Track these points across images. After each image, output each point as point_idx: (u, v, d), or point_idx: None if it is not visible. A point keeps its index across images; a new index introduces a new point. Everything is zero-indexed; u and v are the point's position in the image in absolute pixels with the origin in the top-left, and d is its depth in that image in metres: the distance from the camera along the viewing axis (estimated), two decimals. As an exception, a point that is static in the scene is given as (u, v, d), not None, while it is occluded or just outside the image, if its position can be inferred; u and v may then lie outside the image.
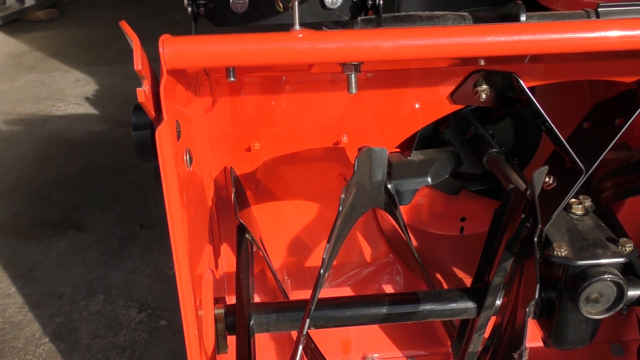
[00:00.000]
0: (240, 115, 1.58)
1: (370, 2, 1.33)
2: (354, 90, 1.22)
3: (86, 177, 3.68)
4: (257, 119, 1.59)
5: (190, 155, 1.29)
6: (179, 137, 1.20)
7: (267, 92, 1.54)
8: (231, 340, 1.44)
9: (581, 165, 1.39)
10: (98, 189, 3.54)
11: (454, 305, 1.52)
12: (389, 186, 1.55)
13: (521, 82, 1.37)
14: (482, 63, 1.40)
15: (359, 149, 1.46)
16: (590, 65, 1.47)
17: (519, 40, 1.14)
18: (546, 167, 1.36)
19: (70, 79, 5.25)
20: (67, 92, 4.98)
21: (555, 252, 1.38)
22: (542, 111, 1.38)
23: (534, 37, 1.15)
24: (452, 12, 1.47)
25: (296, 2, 1.14)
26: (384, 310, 1.51)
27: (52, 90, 5.02)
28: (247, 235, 1.57)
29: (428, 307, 1.51)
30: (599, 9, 1.38)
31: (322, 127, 1.63)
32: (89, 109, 4.66)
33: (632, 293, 1.42)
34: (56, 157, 3.92)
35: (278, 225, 1.89)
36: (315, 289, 1.27)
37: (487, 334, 1.55)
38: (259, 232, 1.79)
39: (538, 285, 1.30)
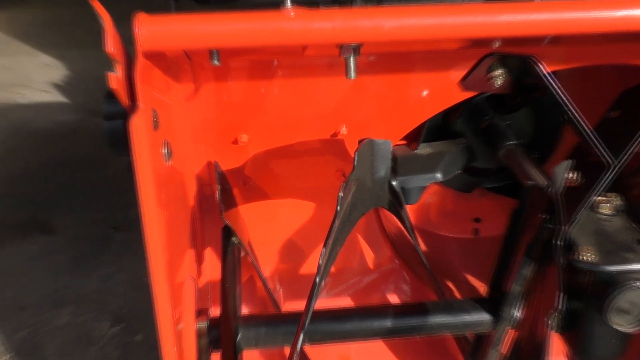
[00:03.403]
0: (226, 104, 1.58)
1: (372, -23, 1.33)
2: (353, 75, 1.22)
3: (55, 172, 3.67)
4: (245, 108, 1.59)
5: (169, 148, 1.28)
6: (156, 127, 1.20)
7: (256, 78, 1.54)
8: (215, 357, 1.43)
9: (609, 159, 1.39)
10: (68, 186, 3.53)
11: (467, 317, 1.51)
12: (393, 183, 1.55)
13: (541, 66, 1.36)
14: (497, 45, 1.39)
15: (360, 142, 1.45)
16: (619, 48, 1.47)
17: (538, 19, 1.14)
18: (570, 161, 1.36)
19: (37, 63, 5.24)
20: (34, 78, 4.97)
21: (580, 257, 1.38)
22: (565, 98, 1.38)
23: (557, 16, 1.14)
24: (463, -12, 1.47)
25: (288, -24, 1.14)
26: (388, 323, 1.50)
27: (16, 76, 5.02)
28: (233, 239, 1.57)
29: (438, 319, 1.51)
30: (630, -16, 1.37)
31: (318, 116, 1.62)
32: (59, 97, 4.66)
33: (666, 303, 1.41)
34: (21, 150, 3.92)
35: (269, 227, 1.89)
36: (311, 299, 1.27)
37: (504, 349, 1.55)
38: (247, 235, 1.79)
39: (561, 294, 1.30)
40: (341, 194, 1.29)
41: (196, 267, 1.66)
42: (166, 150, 1.27)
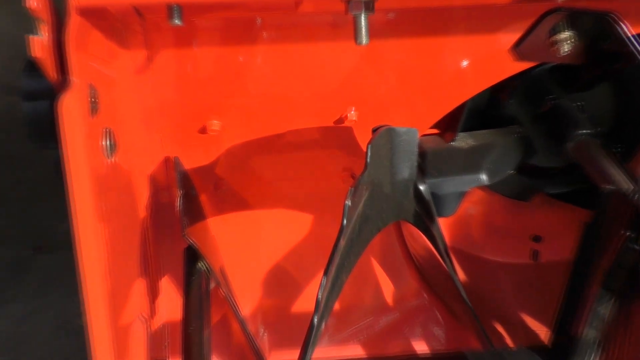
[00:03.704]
0: (191, 78, 1.58)
1: None
2: (364, 40, 1.23)
3: (-48, 173, 3.68)
4: (216, 84, 1.60)
5: (113, 139, 1.29)
6: (94, 111, 1.20)
7: (232, 43, 1.54)
8: None
9: None
10: (-30, 191, 3.54)
11: (522, 372, 1.52)
12: (421, 188, 1.56)
13: (624, 26, 1.37)
14: (564, -3, 1.41)
15: (374, 130, 1.46)
16: None
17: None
18: (663, 159, 1.36)
19: None
20: None
21: (678, 291, 1.39)
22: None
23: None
24: None
25: None
26: (413, 379, 1.51)
27: None
28: (200, 264, 1.57)
29: (482, 374, 1.52)
30: None
31: (317, 96, 1.63)
32: (-44, 67, 4.67)
33: None
34: None
35: (249, 248, 1.90)
36: (306, 347, 1.27)
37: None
38: (219, 259, 1.79)
39: (651, 341, 1.31)
40: (348, 203, 1.30)
41: (148, 303, 1.67)
42: (108, 142, 1.27)
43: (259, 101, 1.63)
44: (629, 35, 1.38)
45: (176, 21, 1.21)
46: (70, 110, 1.08)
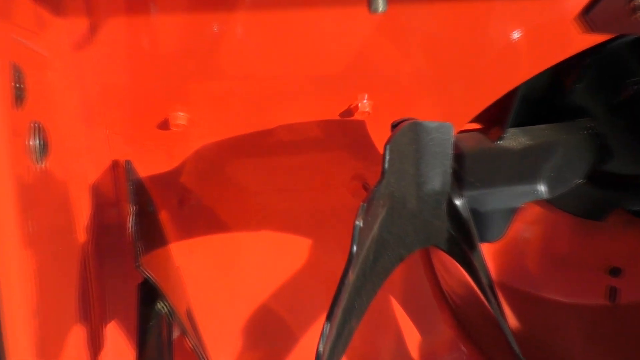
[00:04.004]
0: (148, 56, 1.59)
1: None
2: (380, 7, 1.23)
3: None
4: (182, 64, 1.61)
5: (44, 137, 1.30)
6: (19, 100, 1.21)
7: (203, 8, 1.54)
8: None
9: None
10: None
11: None
12: (457, 203, 1.56)
13: None
14: (649, -51, 1.42)
15: (394, 125, 1.47)
16: None
17: None
18: None
19: None
20: None
21: None
22: None
23: None
24: None
25: None
26: None
27: None
28: (159, 305, 1.57)
29: None
30: None
31: (317, 79, 1.64)
32: None
33: None
34: None
35: (226, 282, 1.91)
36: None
37: None
38: (185, 297, 1.79)
39: None
40: (359, 223, 1.31)
41: (89, 356, 1.65)
42: (37, 142, 1.28)
43: (238, 86, 1.63)
44: None
45: (129, -19, 1.22)
46: (-12, 99, 1.09)
